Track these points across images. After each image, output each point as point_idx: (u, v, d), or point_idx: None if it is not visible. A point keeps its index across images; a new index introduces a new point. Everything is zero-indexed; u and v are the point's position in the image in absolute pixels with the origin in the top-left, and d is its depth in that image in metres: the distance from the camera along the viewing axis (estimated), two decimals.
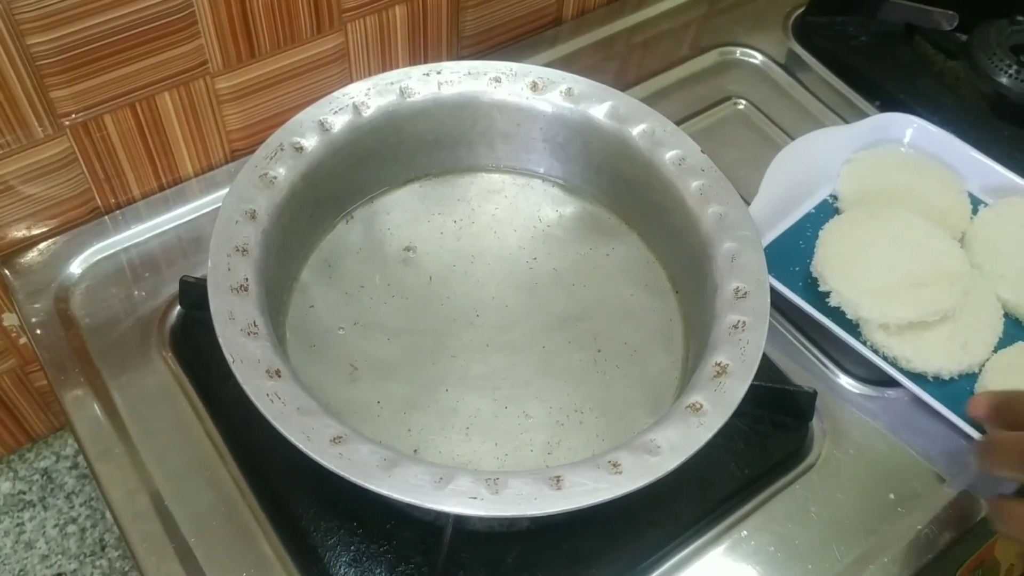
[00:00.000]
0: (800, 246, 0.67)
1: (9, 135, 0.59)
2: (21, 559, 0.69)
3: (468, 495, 0.43)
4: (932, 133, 0.72)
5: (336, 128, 0.57)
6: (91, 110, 0.61)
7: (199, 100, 0.65)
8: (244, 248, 0.51)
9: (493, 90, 0.60)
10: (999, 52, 0.77)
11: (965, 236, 0.68)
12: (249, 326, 0.48)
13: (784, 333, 0.64)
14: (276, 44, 0.66)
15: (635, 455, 0.45)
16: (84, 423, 0.57)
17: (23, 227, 0.64)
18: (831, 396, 0.61)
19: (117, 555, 0.70)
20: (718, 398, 0.47)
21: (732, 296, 0.51)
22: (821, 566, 0.54)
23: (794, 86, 0.81)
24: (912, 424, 0.60)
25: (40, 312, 0.61)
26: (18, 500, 0.72)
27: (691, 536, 0.55)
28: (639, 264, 0.61)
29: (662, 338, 0.58)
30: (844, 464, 0.58)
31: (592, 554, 0.53)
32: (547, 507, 0.43)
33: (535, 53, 0.79)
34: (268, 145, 0.55)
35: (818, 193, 0.71)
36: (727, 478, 0.57)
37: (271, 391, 0.45)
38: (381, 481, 0.43)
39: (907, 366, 0.61)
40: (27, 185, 0.62)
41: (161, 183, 0.68)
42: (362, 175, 0.61)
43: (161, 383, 0.58)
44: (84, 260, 0.64)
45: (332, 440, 0.44)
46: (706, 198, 0.56)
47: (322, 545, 0.53)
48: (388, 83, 0.59)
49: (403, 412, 0.54)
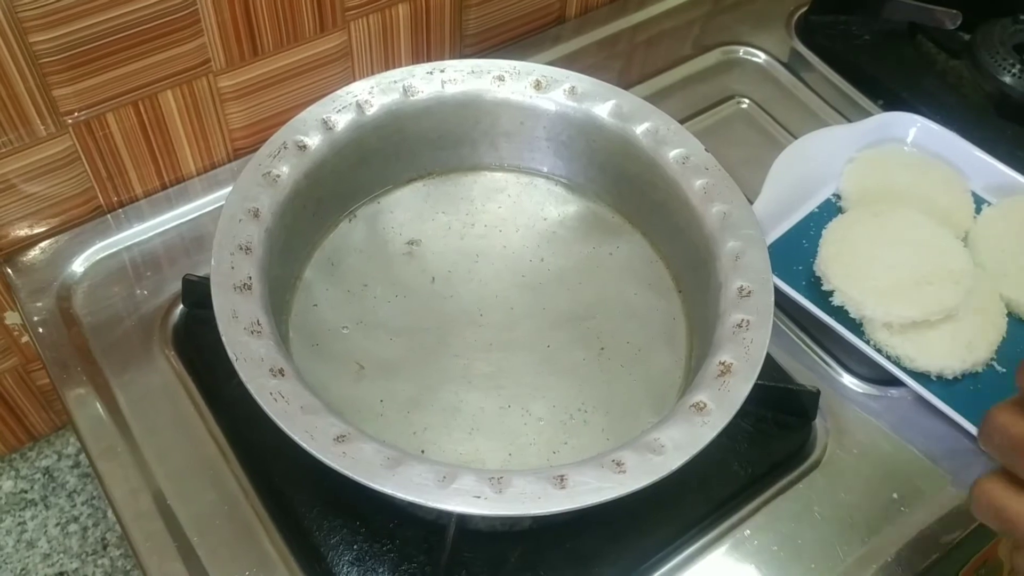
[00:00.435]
0: (803, 245, 0.67)
1: (11, 133, 0.58)
2: (23, 558, 0.69)
3: (472, 494, 0.43)
4: (935, 132, 0.72)
5: (339, 126, 0.57)
6: (94, 108, 0.61)
7: (202, 98, 0.65)
8: (247, 247, 0.51)
9: (496, 88, 0.60)
10: (1002, 51, 0.77)
11: (968, 235, 0.68)
12: (252, 324, 0.48)
13: (787, 332, 0.64)
14: (279, 42, 0.65)
15: (639, 454, 0.45)
16: (86, 421, 0.57)
17: (25, 225, 0.64)
18: (834, 395, 0.61)
19: (119, 554, 0.70)
20: (722, 397, 0.47)
21: (736, 295, 0.51)
22: (824, 566, 0.54)
23: (797, 85, 0.81)
24: (915, 423, 0.60)
25: (42, 311, 0.61)
26: (20, 499, 0.72)
27: (694, 536, 0.55)
28: (643, 263, 0.61)
29: (665, 337, 0.58)
30: (847, 463, 0.58)
31: (595, 553, 0.53)
32: (551, 506, 0.43)
33: (538, 52, 0.79)
34: (271, 143, 0.55)
35: (821, 192, 0.71)
36: (730, 477, 0.57)
37: (274, 389, 0.45)
38: (385, 480, 0.43)
39: (911, 365, 0.61)
40: (29, 183, 0.62)
41: (164, 181, 0.68)
42: (365, 174, 0.61)
43: (163, 382, 0.58)
44: (86, 259, 0.64)
45: (336, 439, 0.44)
46: (710, 197, 0.56)
47: (325, 544, 0.53)
48: (391, 81, 0.59)
49: (407, 411, 0.53)
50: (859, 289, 0.62)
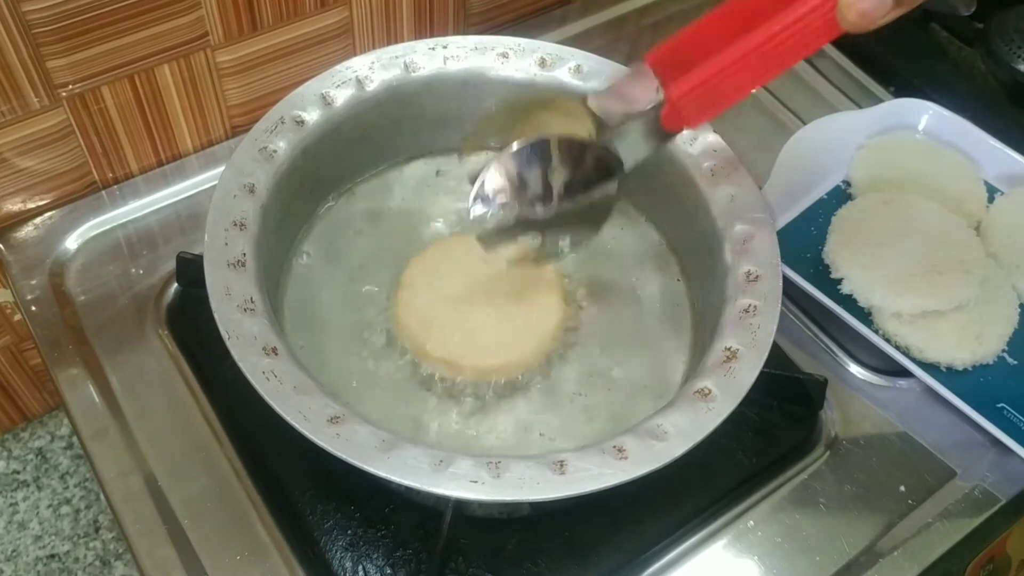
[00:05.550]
0: (812, 232, 0.66)
1: (4, 105, 0.57)
2: (14, 539, 0.68)
3: (468, 479, 0.42)
4: (947, 120, 0.71)
5: (338, 102, 0.56)
6: (89, 81, 0.59)
7: (199, 73, 0.64)
8: (242, 223, 0.50)
9: (500, 66, 0.58)
10: (1017, 39, 0.76)
11: (980, 224, 0.67)
12: (246, 302, 0.46)
13: (794, 320, 0.63)
14: (279, 17, 0.64)
15: (641, 440, 0.44)
16: (78, 402, 0.56)
17: (18, 201, 0.63)
18: (842, 385, 0.60)
19: (111, 537, 0.69)
20: (727, 383, 0.46)
21: (743, 279, 0.50)
22: (829, 558, 0.53)
23: (807, 70, 0.79)
24: (924, 415, 0.59)
25: (35, 288, 0.60)
26: (12, 480, 0.71)
27: (696, 525, 0.54)
28: (647, 246, 0.60)
29: (670, 322, 0.57)
30: (854, 455, 0.57)
31: (594, 542, 0.52)
32: (550, 492, 0.42)
33: (543, 32, 0.78)
34: (268, 118, 0.54)
35: (831, 179, 0.70)
36: (734, 467, 0.56)
37: (267, 369, 0.44)
38: (379, 463, 0.42)
39: (920, 356, 0.59)
40: (22, 158, 0.61)
41: (160, 158, 0.67)
42: (364, 151, 0.60)
43: (157, 362, 0.57)
44: (80, 236, 0.63)
45: (329, 420, 0.43)
46: (717, 179, 0.54)
47: (319, 529, 0.52)
48: (392, 57, 0.57)
49: (403, 392, 0.52)
50: (868, 278, 0.61)
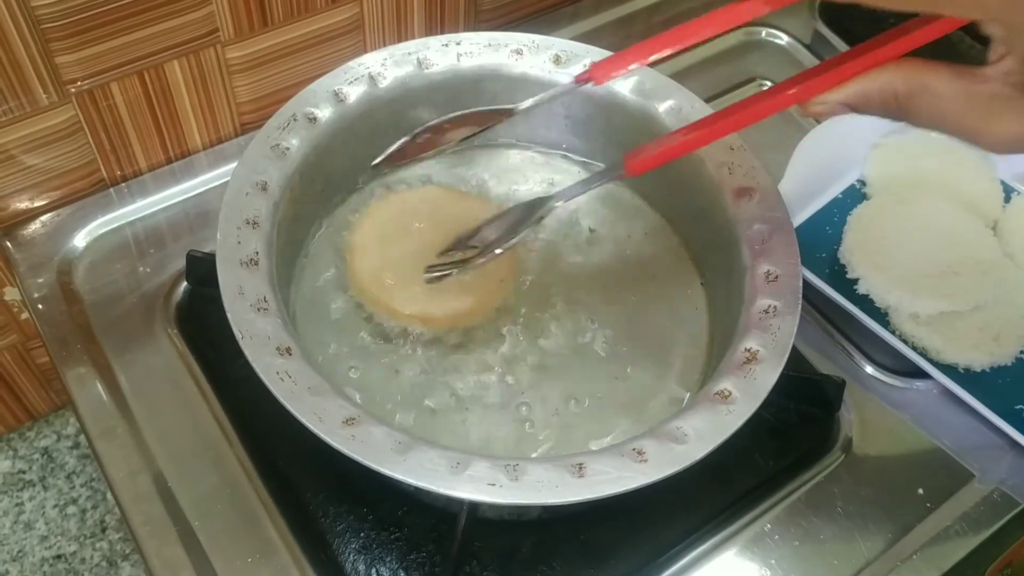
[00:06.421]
0: (827, 232, 0.65)
1: (12, 101, 0.57)
2: (20, 539, 0.68)
3: (486, 481, 0.41)
4: None
5: (351, 99, 0.55)
6: (97, 77, 0.59)
7: (209, 70, 0.63)
8: (255, 221, 0.49)
9: (514, 63, 0.58)
10: None
11: (997, 224, 0.66)
12: (259, 301, 0.46)
13: (810, 321, 0.62)
14: (289, 13, 0.63)
15: (661, 443, 0.43)
16: (86, 401, 0.55)
17: (25, 198, 0.62)
18: (858, 387, 0.59)
19: (118, 537, 0.68)
20: (747, 385, 0.45)
21: (763, 280, 0.49)
22: (847, 562, 0.52)
23: None
24: (942, 417, 0.58)
25: (42, 286, 0.60)
26: (18, 479, 0.70)
27: (713, 528, 0.53)
28: (663, 246, 0.59)
29: (687, 322, 0.56)
30: (871, 457, 0.56)
31: (610, 545, 0.52)
32: (568, 495, 0.41)
33: (554, 29, 0.77)
34: (281, 115, 0.53)
35: (846, 178, 0.69)
36: (751, 469, 0.55)
37: (281, 369, 0.43)
38: (395, 465, 0.41)
39: (937, 357, 0.59)
40: (30, 155, 0.60)
41: (168, 155, 0.66)
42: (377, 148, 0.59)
43: (166, 361, 0.57)
44: (88, 233, 0.62)
45: (344, 421, 0.42)
46: (735, 177, 0.54)
47: (331, 531, 0.51)
48: (405, 53, 0.57)
49: (419, 392, 0.52)
50: (885, 278, 0.60)
